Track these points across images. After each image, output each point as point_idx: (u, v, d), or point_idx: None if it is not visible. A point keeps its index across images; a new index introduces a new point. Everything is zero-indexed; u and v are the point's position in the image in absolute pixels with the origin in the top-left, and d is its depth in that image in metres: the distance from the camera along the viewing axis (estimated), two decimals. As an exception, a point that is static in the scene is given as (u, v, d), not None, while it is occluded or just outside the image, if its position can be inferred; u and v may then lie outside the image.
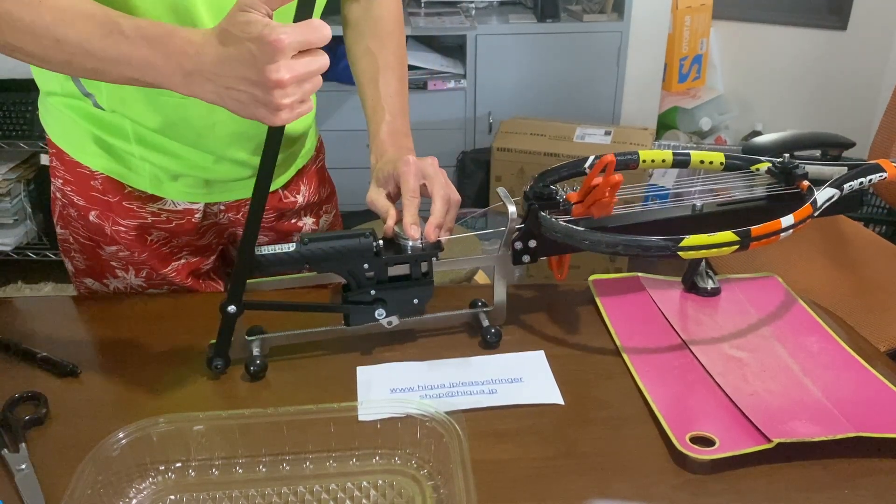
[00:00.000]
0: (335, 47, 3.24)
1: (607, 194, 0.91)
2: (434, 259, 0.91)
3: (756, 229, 0.85)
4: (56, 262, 2.60)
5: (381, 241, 0.90)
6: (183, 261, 1.11)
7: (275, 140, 0.78)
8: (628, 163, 1.03)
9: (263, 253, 0.86)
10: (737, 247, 0.85)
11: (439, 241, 0.91)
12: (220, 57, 0.70)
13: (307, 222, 1.19)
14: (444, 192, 0.93)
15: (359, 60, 1.09)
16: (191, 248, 1.11)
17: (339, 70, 2.88)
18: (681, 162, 1.04)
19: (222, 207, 1.09)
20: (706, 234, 0.85)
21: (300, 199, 1.16)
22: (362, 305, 0.91)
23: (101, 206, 1.03)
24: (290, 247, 0.87)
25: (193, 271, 1.12)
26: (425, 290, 0.92)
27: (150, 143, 0.99)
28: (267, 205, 1.11)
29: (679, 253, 0.84)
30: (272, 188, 1.11)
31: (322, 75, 0.73)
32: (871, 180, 0.98)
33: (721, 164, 1.04)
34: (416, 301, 0.92)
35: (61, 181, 1.04)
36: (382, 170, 0.98)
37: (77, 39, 0.74)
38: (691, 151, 1.05)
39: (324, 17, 0.79)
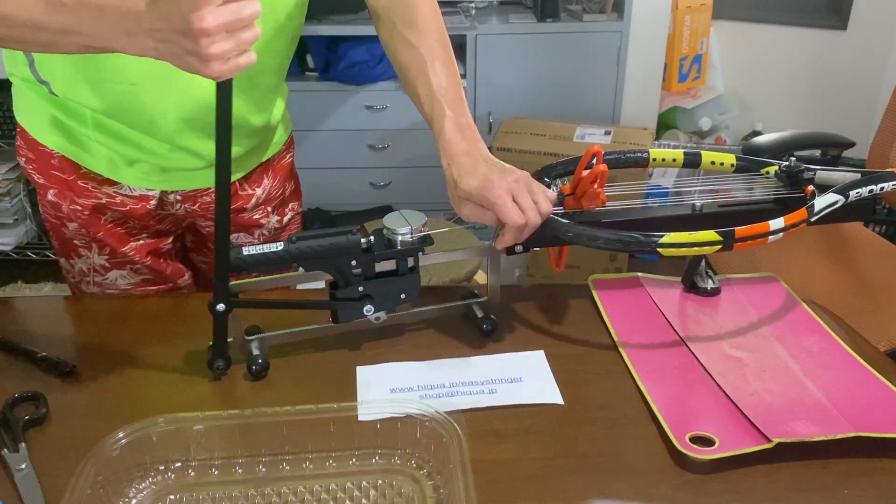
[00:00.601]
0: (335, 47, 3.22)
1: (596, 186, 0.91)
2: (420, 253, 0.91)
3: (740, 230, 0.85)
4: (56, 261, 2.60)
5: (371, 237, 0.90)
6: (141, 241, 1.11)
7: (224, 106, 0.76)
8: (638, 161, 1.03)
9: (251, 252, 0.85)
10: (719, 247, 0.85)
11: (428, 235, 0.91)
12: (152, 12, 0.70)
13: (272, 220, 1.17)
14: (536, 221, 0.88)
15: (398, 54, 1.00)
16: (149, 231, 1.11)
17: (339, 70, 2.89)
18: (692, 162, 1.04)
19: (178, 197, 1.09)
20: (687, 233, 0.85)
21: (259, 191, 1.14)
22: (350, 302, 0.91)
23: (59, 185, 1.04)
24: (279, 246, 0.86)
25: (153, 251, 1.12)
26: (412, 284, 0.92)
27: (106, 129, 0.99)
28: None
29: (659, 250, 0.85)
30: (232, 179, 1.09)
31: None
32: (882, 188, 0.95)
33: (732, 165, 1.03)
34: (403, 296, 0.93)
35: (24, 159, 1.06)
36: (463, 187, 0.89)
37: (26, 16, 0.75)
38: (702, 151, 1.05)
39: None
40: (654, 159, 1.03)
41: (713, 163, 1.04)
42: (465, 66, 2.86)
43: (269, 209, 1.17)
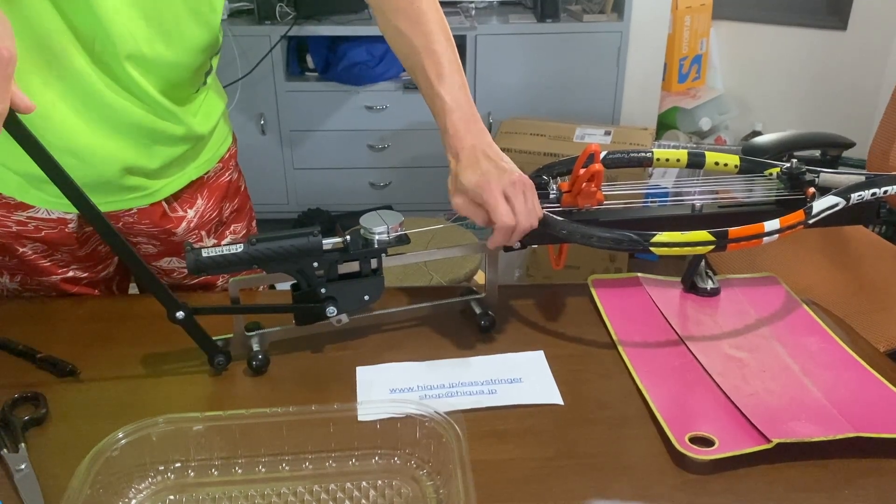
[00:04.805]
0: (335, 47, 3.22)
1: (593, 186, 0.92)
2: (384, 255, 0.91)
3: (734, 231, 0.85)
4: None
5: (348, 237, 0.89)
6: (70, 274, 1.07)
7: (23, 139, 0.72)
8: (642, 160, 1.03)
9: (210, 255, 0.84)
10: (712, 247, 0.85)
11: (406, 235, 0.90)
12: None
13: (208, 245, 1.10)
14: (527, 225, 0.87)
15: (395, 45, 0.97)
16: (80, 264, 1.07)
17: (339, 70, 2.89)
18: (696, 162, 1.04)
19: None
20: (679, 233, 0.85)
21: (191, 213, 1.08)
22: (312, 304, 0.91)
23: None
24: (238, 247, 0.85)
25: (87, 283, 1.09)
26: (376, 286, 0.92)
27: (6, 148, 0.92)
28: (146, 218, 1.04)
29: (651, 249, 0.85)
30: (155, 199, 1.03)
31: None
32: (886, 192, 0.95)
33: (735, 166, 1.03)
34: (366, 297, 0.92)
35: None
36: (463, 181, 0.88)
37: None
38: (706, 152, 1.04)
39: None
40: (658, 159, 1.03)
41: (717, 163, 1.04)
42: (466, 66, 2.86)
43: (203, 233, 1.12)
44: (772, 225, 0.86)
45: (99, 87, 0.90)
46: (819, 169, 0.99)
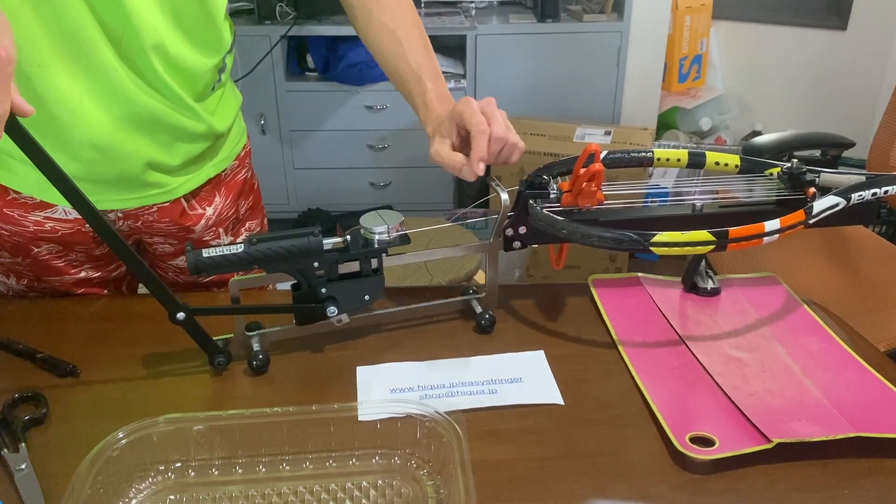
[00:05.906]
0: (335, 47, 3.22)
1: (593, 186, 0.92)
2: (384, 255, 0.91)
3: (734, 231, 0.85)
4: None
5: (348, 237, 0.89)
6: (82, 274, 1.07)
7: (17, 135, 0.72)
8: (643, 160, 1.03)
9: (211, 255, 0.84)
10: (712, 247, 0.85)
11: (406, 235, 0.91)
12: None
13: (224, 242, 1.11)
14: (501, 132, 0.90)
15: (377, 40, 1.04)
16: (94, 263, 1.07)
17: (339, 70, 2.89)
18: (696, 162, 1.04)
19: (120, 215, 1.04)
20: (680, 232, 0.85)
21: (210, 210, 1.10)
22: (313, 304, 0.91)
23: None
24: (239, 247, 0.85)
25: (98, 283, 1.09)
26: (376, 286, 0.92)
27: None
28: (166, 216, 1.05)
29: (651, 248, 0.85)
30: (174, 196, 1.04)
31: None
32: (886, 192, 0.95)
33: (736, 166, 1.03)
34: (366, 297, 0.92)
35: None
36: (443, 124, 0.94)
37: None
38: (707, 152, 1.04)
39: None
40: (659, 159, 1.03)
41: (717, 163, 1.04)
42: (465, 66, 2.86)
43: (221, 230, 1.13)
44: (772, 225, 0.86)
45: (125, 83, 0.91)
46: (819, 169, 0.98)
